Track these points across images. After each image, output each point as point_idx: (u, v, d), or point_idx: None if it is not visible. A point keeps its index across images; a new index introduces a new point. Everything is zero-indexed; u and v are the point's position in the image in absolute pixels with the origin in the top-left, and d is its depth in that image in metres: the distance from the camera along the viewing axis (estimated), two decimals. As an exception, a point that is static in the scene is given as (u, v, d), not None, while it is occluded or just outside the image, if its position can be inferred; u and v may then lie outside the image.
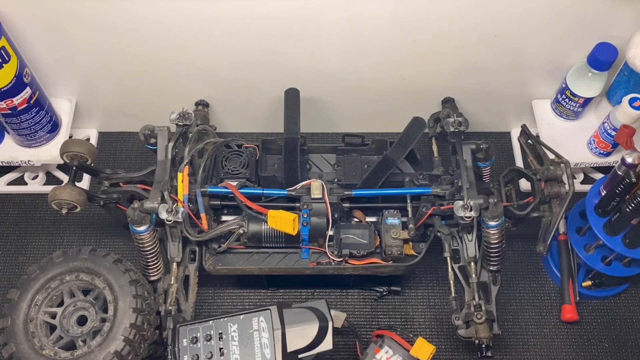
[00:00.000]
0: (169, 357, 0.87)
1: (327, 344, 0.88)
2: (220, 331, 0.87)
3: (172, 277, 1.06)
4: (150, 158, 1.09)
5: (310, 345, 0.86)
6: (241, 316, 0.87)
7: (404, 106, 1.27)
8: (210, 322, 0.88)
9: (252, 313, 0.87)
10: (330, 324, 0.88)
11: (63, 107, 1.27)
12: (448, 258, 1.09)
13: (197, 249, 1.09)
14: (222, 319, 0.87)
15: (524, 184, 1.26)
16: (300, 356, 0.87)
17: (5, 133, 1.23)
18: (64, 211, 1.02)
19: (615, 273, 1.13)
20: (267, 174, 1.11)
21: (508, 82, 1.24)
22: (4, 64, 1.06)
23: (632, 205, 0.99)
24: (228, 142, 1.13)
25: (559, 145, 1.11)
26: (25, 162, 1.24)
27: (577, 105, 1.20)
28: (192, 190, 1.03)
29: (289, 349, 0.85)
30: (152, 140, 1.08)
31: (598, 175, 1.32)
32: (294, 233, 1.01)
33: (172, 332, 0.88)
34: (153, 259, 1.05)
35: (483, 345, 1.03)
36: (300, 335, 0.86)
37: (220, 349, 0.85)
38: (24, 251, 1.27)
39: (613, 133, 1.14)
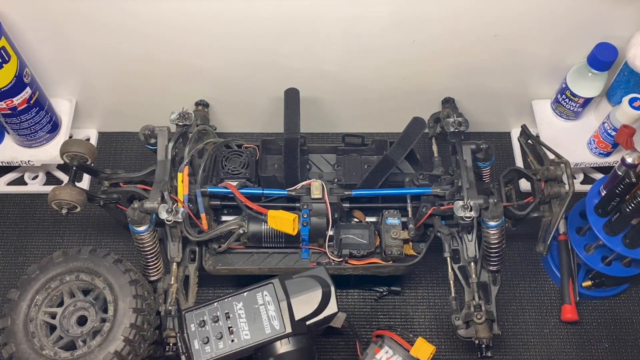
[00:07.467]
0: (179, 344, 0.88)
1: (332, 308, 0.90)
2: (226, 311, 0.89)
3: (172, 277, 1.06)
4: (150, 158, 1.09)
5: (316, 310, 0.89)
6: (245, 293, 0.89)
7: (404, 106, 1.27)
8: (215, 303, 0.89)
9: (256, 289, 0.89)
10: (332, 288, 0.91)
11: (63, 107, 1.27)
12: (448, 258, 1.09)
13: (197, 249, 1.09)
14: (226, 299, 0.89)
15: (524, 184, 1.26)
16: (308, 322, 0.89)
17: (5, 133, 1.23)
18: (64, 211, 1.02)
19: (615, 273, 1.13)
20: (267, 174, 1.11)
21: (508, 82, 1.24)
22: (4, 64, 1.06)
23: (632, 205, 0.99)
24: (228, 142, 1.13)
25: (559, 145, 1.11)
26: (25, 162, 1.24)
27: (577, 105, 1.20)
28: (192, 190, 1.03)
29: (297, 317, 0.88)
30: (152, 141, 1.08)
31: (598, 176, 1.32)
32: (294, 233, 1.01)
33: (178, 319, 0.89)
34: (153, 259, 1.05)
35: (483, 346, 1.03)
36: (306, 302, 0.89)
37: (229, 327, 0.87)
38: (24, 251, 1.27)
39: (613, 133, 1.14)
